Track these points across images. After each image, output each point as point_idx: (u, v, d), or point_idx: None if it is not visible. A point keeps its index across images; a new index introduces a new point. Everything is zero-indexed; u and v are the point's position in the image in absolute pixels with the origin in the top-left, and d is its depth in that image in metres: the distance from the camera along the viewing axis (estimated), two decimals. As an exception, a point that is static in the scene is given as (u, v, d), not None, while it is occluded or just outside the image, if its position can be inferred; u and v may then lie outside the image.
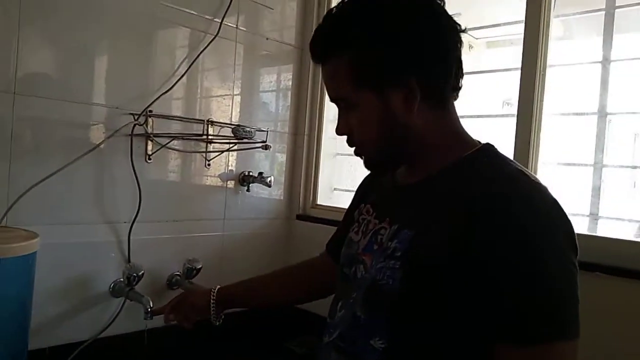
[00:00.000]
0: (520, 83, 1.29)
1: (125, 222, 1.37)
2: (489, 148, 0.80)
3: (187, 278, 1.47)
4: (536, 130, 1.27)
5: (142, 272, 1.33)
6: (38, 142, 1.22)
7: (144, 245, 1.41)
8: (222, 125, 1.58)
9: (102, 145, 1.29)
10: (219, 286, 1.12)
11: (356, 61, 0.75)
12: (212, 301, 1.09)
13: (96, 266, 1.34)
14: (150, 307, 1.27)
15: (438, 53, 0.76)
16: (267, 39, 1.71)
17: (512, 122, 1.32)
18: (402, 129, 0.77)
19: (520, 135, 1.28)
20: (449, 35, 0.77)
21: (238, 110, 1.65)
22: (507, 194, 0.68)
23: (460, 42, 0.78)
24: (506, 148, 0.82)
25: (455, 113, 0.82)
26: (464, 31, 0.79)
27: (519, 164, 0.77)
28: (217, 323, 1.11)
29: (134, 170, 1.36)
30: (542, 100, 1.28)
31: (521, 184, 0.71)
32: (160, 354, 1.30)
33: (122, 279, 1.34)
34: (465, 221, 0.68)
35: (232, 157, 1.64)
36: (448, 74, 0.77)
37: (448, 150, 0.79)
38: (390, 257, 0.75)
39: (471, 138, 0.82)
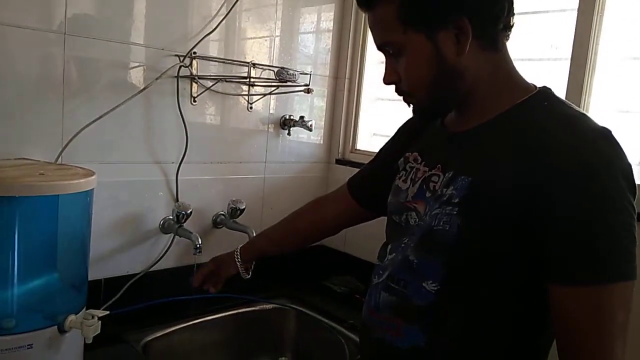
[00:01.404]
0: (576, 25, 1.24)
1: (172, 163, 1.41)
2: (546, 91, 0.78)
3: (232, 218, 1.51)
4: (590, 75, 1.22)
5: (191, 210, 1.38)
6: (89, 83, 1.25)
7: (191, 185, 1.46)
8: (265, 67, 1.58)
9: (150, 87, 1.31)
10: (240, 246, 1.19)
11: (406, 2, 0.73)
12: (239, 264, 1.17)
13: (147, 204, 1.39)
14: (199, 244, 1.34)
15: None
16: (309, -23, 1.67)
17: (560, 66, 1.27)
18: (453, 71, 0.76)
19: (573, 80, 1.24)
20: None
21: (279, 52, 1.63)
22: (571, 140, 0.68)
23: None
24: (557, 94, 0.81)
25: (509, 55, 0.80)
26: None
27: (577, 107, 0.76)
28: (246, 277, 1.19)
29: (181, 112, 1.38)
30: (597, 44, 1.23)
31: (584, 129, 0.70)
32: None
33: (171, 217, 1.40)
34: (528, 169, 0.68)
35: (273, 100, 1.64)
36: (500, 11, 0.75)
37: (503, 95, 0.77)
38: (447, 204, 0.75)
39: (526, 82, 0.80)
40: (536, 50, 1.40)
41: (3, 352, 0.90)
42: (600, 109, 1.24)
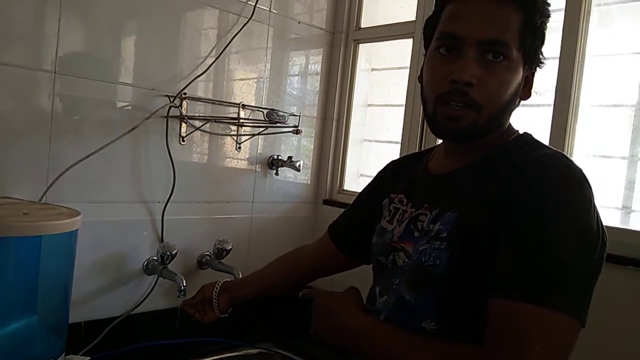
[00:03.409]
0: (558, 73, 1.28)
1: (159, 202, 1.40)
2: (527, 136, 0.83)
3: (218, 258, 1.49)
4: (572, 121, 1.26)
5: (176, 251, 1.36)
6: (77, 122, 1.25)
7: (177, 225, 1.44)
8: (254, 108, 1.59)
9: (139, 126, 1.31)
10: (218, 293, 1.14)
11: (529, 21, 0.75)
12: (217, 312, 1.13)
13: (131, 244, 1.37)
14: (184, 286, 1.31)
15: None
16: (298, 22, 1.70)
17: (543, 112, 1.31)
18: (512, 108, 0.80)
19: (556, 126, 1.27)
20: None
21: (268, 93, 1.65)
22: (542, 181, 0.70)
23: None
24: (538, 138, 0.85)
25: None
26: None
27: (556, 149, 0.79)
28: (219, 314, 1.14)
29: (169, 152, 1.38)
30: (579, 91, 1.27)
31: (557, 168, 0.72)
32: (192, 330, 1.33)
33: (155, 258, 1.38)
34: (501, 199, 0.71)
35: (261, 140, 1.65)
36: None
37: (494, 138, 0.81)
38: (435, 239, 0.76)
39: (512, 127, 0.84)
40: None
41: (-24, 401, 0.86)
42: (582, 154, 1.27)
